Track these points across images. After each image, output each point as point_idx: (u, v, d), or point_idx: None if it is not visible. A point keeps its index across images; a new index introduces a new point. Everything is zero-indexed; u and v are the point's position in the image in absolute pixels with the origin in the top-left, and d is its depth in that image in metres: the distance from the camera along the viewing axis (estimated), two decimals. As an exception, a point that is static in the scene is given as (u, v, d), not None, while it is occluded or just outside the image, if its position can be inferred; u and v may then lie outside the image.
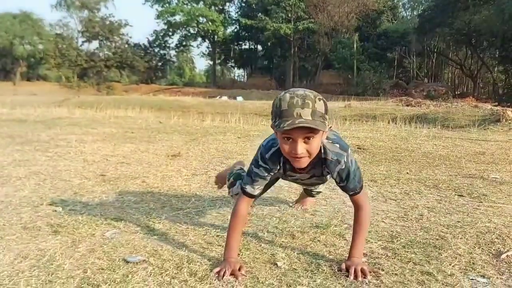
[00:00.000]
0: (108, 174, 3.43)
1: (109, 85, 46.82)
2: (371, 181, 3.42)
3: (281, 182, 2.54)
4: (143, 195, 2.78)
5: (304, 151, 1.56)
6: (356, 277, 1.58)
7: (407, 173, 3.75)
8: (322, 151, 1.68)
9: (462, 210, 2.56)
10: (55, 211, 2.39)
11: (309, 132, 1.52)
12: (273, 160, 1.74)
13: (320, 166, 1.75)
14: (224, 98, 31.15)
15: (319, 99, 1.53)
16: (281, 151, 1.63)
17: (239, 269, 1.61)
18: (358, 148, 5.32)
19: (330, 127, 1.62)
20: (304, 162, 1.62)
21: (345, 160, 1.70)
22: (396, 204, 2.71)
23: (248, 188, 1.78)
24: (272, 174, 1.78)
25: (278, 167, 1.76)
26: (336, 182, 1.79)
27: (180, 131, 7.05)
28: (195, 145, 5.38)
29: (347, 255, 1.75)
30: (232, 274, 1.59)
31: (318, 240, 2.03)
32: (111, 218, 2.26)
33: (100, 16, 52.07)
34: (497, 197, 2.92)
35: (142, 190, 2.93)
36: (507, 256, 1.83)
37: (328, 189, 3.12)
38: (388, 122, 9.74)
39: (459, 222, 2.31)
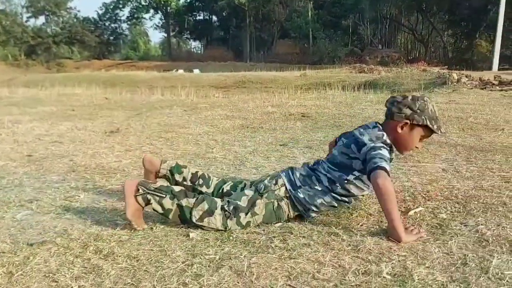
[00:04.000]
0: (36, 155, 3.30)
1: (59, 62, 44.70)
2: (307, 147, 3.46)
3: (215, 152, 2.51)
4: (67, 174, 2.69)
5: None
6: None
7: (343, 138, 3.81)
8: None
9: (385, 171, 2.62)
10: (-33, 196, 2.27)
11: None
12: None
13: None
14: (180, 71, 30.45)
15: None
16: (407, 144, 1.89)
17: None
18: (302, 116, 5.36)
19: None
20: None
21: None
22: (325, 169, 2.74)
23: (388, 167, 1.72)
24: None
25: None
26: None
27: (125, 106, 6.86)
28: (137, 120, 5.25)
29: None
30: None
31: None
32: (25, 200, 2.17)
33: (44, -11, 49.21)
34: (422, 157, 3.02)
35: (67, 169, 2.83)
36: (414, 212, 1.90)
37: (262, 157, 3.14)
38: (338, 89, 9.86)
39: (378, 183, 2.37)
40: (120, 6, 50.05)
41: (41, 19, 50.12)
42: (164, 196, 1.79)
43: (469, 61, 27.85)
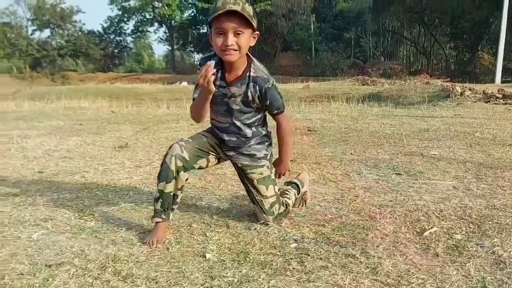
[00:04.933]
0: (47, 171, 3.31)
1: (64, 74, 44.98)
2: (315, 163, 3.47)
3: (225, 168, 2.53)
4: (79, 192, 2.70)
5: (234, 44, 1.76)
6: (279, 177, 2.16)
7: (351, 153, 3.82)
8: (252, 69, 1.89)
9: (397, 189, 2.64)
10: (-18, 214, 2.29)
11: (238, 25, 1.75)
12: (212, 60, 1.84)
13: (250, 85, 1.90)
14: (184, 83, 30.61)
15: (248, 4, 1.79)
16: (215, 49, 1.81)
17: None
18: (308, 130, 5.38)
19: (257, 34, 1.87)
20: (234, 55, 1.80)
21: (272, 81, 1.94)
22: (335, 186, 2.76)
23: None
24: None
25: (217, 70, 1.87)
26: (262, 102, 1.94)
27: (132, 120, 6.89)
28: (145, 134, 5.27)
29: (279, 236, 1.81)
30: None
31: (253, 228, 2.03)
32: (40, 219, 2.18)
33: (50, 3, 49.73)
34: (432, 174, 3.03)
35: (79, 186, 2.85)
36: (429, 233, 1.90)
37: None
38: (342, 102, 9.90)
39: (391, 201, 2.38)
40: (125, 19, 50.53)
41: (46, 32, 50.59)
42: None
43: (471, 73, 27.91)
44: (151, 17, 50.20)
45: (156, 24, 51.72)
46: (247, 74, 1.89)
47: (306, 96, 15.52)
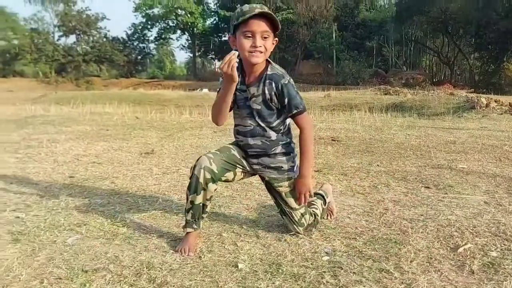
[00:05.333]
0: (77, 176, 3.38)
1: (88, 80, 45.93)
2: (342, 174, 3.45)
3: (251, 178, 2.54)
4: (110, 197, 2.75)
5: (262, 46, 1.84)
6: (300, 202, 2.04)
7: (378, 165, 3.79)
8: (269, 69, 1.94)
9: (427, 203, 2.60)
10: (18, 217, 2.35)
11: (266, 29, 1.84)
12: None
13: (266, 83, 1.93)
14: (205, 90, 30.86)
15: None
16: (241, 52, 1.86)
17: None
18: (332, 140, 5.36)
19: (276, 40, 1.92)
20: (260, 57, 1.87)
21: (288, 79, 1.94)
22: (364, 198, 2.74)
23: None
24: None
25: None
26: (280, 100, 1.94)
27: (157, 126, 6.99)
28: (170, 141, 5.34)
29: (310, 248, 1.77)
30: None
31: (283, 239, 2.03)
32: (74, 224, 2.23)
33: (77, 9, 50.90)
34: (462, 188, 2.98)
35: (110, 191, 2.90)
36: (464, 249, 1.87)
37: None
38: (365, 112, 9.83)
39: (422, 215, 2.35)
40: (149, 26, 51.33)
41: (72, 38, 51.72)
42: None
43: (496, 84, 27.36)
44: (174, 25, 50.86)
45: (178, 31, 52.37)
46: (264, 74, 1.94)
47: (328, 105, 15.44)
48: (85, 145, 4.93)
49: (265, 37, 1.85)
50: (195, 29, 49.57)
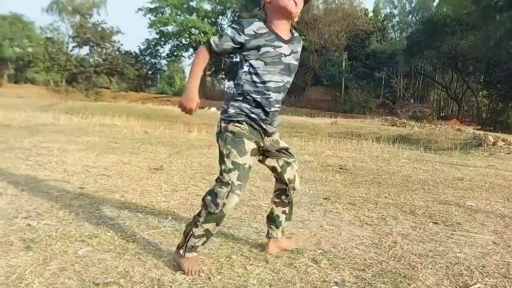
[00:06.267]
0: (87, 187, 3.41)
1: (97, 91, 46.43)
2: (350, 204, 3.46)
3: (259, 199, 2.55)
4: (120, 211, 2.77)
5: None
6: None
7: (386, 197, 3.80)
8: (293, 32, 2.06)
9: (435, 239, 2.60)
10: (30, 225, 2.37)
11: None
12: (257, 25, 1.96)
13: (293, 40, 2.03)
14: (213, 109, 31.02)
15: None
16: (279, 4, 1.94)
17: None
18: (340, 168, 5.37)
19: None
20: (298, 9, 1.97)
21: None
22: (372, 230, 2.74)
23: (214, 38, 2.03)
24: (250, 34, 1.93)
25: (262, 30, 1.95)
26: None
27: (165, 142, 7.04)
28: (179, 158, 5.37)
29: (319, 277, 1.78)
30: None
31: (293, 266, 2.04)
32: (85, 235, 2.25)
33: (92, 22, 51.82)
34: (470, 226, 2.98)
35: (120, 205, 2.92)
36: (473, 289, 1.87)
37: (307, 210, 3.16)
38: (372, 142, 9.86)
39: (431, 251, 2.35)
40: (162, 43, 52.12)
41: (85, 49, 52.49)
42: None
43: (503, 123, 27.39)
44: (187, 43, 51.60)
45: (191, 49, 53.08)
46: (295, 35, 2.06)
47: (335, 132, 15.50)
48: (94, 157, 4.98)
49: None
50: (207, 48, 50.24)
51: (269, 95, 1.97)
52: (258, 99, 1.96)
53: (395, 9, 50.54)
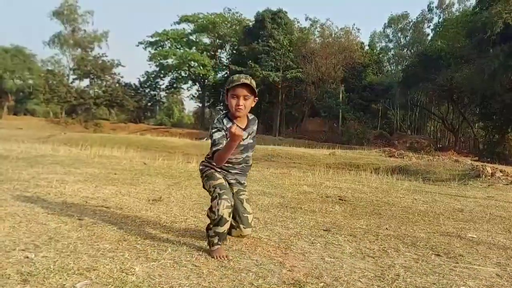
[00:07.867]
0: (86, 219, 3.38)
1: (97, 122, 46.71)
2: (351, 235, 3.43)
3: (260, 231, 2.52)
4: (119, 243, 2.73)
5: (243, 105, 2.66)
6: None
7: (387, 228, 3.77)
8: (248, 115, 2.85)
9: (438, 271, 2.57)
10: (27, 257, 2.34)
11: (246, 93, 2.65)
12: (225, 120, 2.73)
13: (249, 124, 2.84)
14: (211, 140, 31.16)
15: (253, 80, 2.71)
16: (230, 108, 2.68)
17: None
18: (339, 199, 5.35)
19: (256, 99, 2.76)
20: (243, 112, 2.70)
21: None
22: (374, 262, 2.71)
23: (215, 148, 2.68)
24: (224, 128, 2.67)
25: (228, 124, 2.68)
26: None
27: (164, 174, 7.03)
28: (178, 189, 5.35)
29: None
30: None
31: (293, 299, 2.01)
32: (83, 268, 2.21)
33: (93, 55, 52.71)
34: (473, 258, 2.95)
35: (118, 237, 2.89)
36: (479, 323, 1.84)
37: (307, 242, 3.13)
38: (371, 173, 9.86)
39: (434, 284, 2.32)
40: (161, 75, 52.89)
41: (86, 81, 53.17)
42: None
43: (501, 154, 27.51)
44: (186, 75, 52.39)
45: (190, 81, 53.84)
46: (249, 119, 2.85)
47: (333, 163, 15.54)
48: (93, 188, 4.96)
49: (246, 99, 2.66)
50: (206, 80, 50.96)
51: (228, 166, 2.84)
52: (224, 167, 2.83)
53: (390, 43, 51.75)
